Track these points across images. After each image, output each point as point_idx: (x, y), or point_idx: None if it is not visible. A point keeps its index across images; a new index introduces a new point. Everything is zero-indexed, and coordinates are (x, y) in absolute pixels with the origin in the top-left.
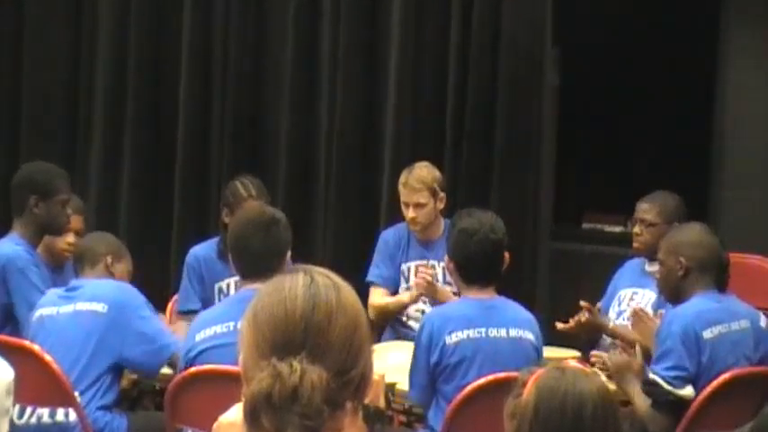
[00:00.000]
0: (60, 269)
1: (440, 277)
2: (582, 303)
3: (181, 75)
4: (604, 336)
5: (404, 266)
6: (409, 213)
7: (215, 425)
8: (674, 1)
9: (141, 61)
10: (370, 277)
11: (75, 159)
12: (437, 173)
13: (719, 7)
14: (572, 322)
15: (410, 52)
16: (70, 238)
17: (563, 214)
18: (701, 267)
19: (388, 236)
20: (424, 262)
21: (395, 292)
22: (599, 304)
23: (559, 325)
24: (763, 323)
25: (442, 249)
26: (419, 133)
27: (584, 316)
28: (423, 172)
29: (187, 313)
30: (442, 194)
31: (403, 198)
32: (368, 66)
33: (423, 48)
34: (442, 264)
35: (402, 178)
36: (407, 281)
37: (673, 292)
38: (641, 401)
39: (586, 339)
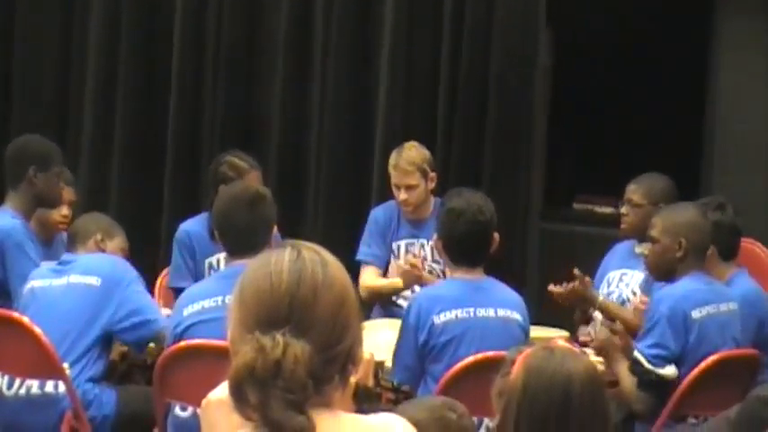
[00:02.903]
0: (49, 243)
1: (428, 256)
2: (575, 272)
3: (172, 60)
4: (596, 313)
5: (394, 245)
6: (401, 196)
7: (203, 402)
8: None
9: (133, 47)
10: (360, 256)
11: (66, 143)
12: (426, 152)
13: None
14: (564, 288)
15: (403, 33)
16: (65, 210)
17: (554, 195)
18: (697, 250)
19: (378, 214)
20: (414, 241)
21: (386, 271)
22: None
23: (551, 287)
24: None
25: (432, 228)
26: (411, 112)
27: (577, 284)
28: (412, 153)
29: (180, 290)
30: (432, 174)
31: (394, 180)
32: (360, 44)
33: (415, 28)
34: (431, 243)
35: (392, 160)
36: (397, 258)
37: (664, 272)
38: (629, 381)
39: (579, 316)
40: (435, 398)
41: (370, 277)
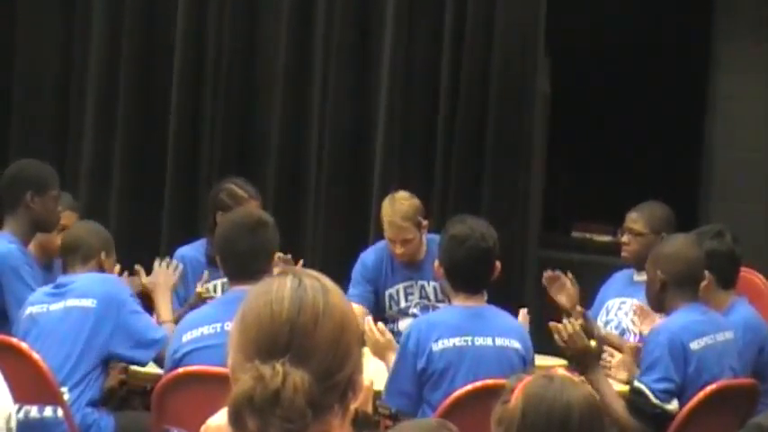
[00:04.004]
0: (49, 268)
1: (431, 296)
2: (578, 308)
3: (173, 76)
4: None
5: (391, 291)
6: (397, 250)
7: (202, 428)
8: (665, 11)
9: (133, 63)
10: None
11: (65, 163)
12: (417, 202)
13: (711, 17)
14: (548, 280)
15: (402, 58)
16: None
17: (552, 223)
18: (677, 282)
19: (368, 260)
20: (412, 283)
21: (372, 314)
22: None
23: (553, 324)
24: None
25: (428, 269)
26: (410, 141)
27: (582, 321)
28: (405, 207)
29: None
30: (425, 222)
31: (388, 235)
32: (359, 71)
33: (414, 54)
34: (432, 283)
35: (385, 215)
36: (398, 304)
37: (655, 303)
38: (617, 401)
39: None
40: (427, 420)
41: None
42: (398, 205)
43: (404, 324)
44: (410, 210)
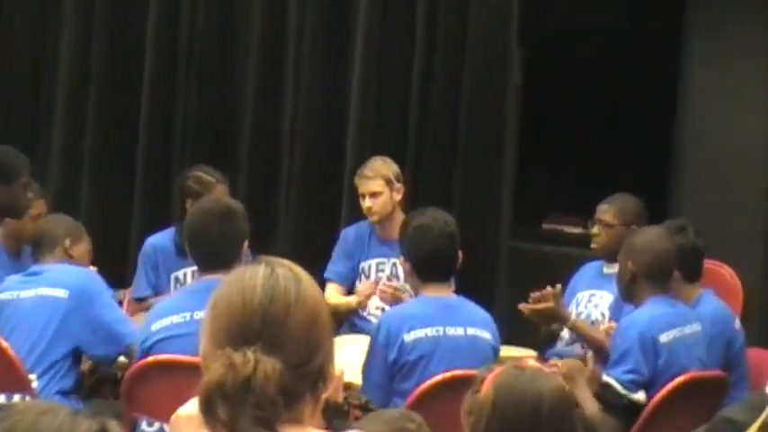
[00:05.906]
0: (18, 255)
1: (401, 276)
2: (548, 288)
3: (145, 61)
4: (564, 332)
5: (363, 264)
6: (365, 204)
7: (173, 417)
8: (637, 4)
9: (105, 47)
10: (326, 274)
11: (36, 155)
12: (393, 165)
13: (683, 11)
14: (534, 300)
15: (375, 49)
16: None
17: (523, 214)
18: (647, 274)
19: (349, 234)
20: (385, 260)
21: (350, 290)
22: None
23: (522, 306)
24: (737, 324)
25: None
26: (382, 131)
27: (551, 303)
28: (377, 163)
29: (142, 300)
30: (398, 185)
31: (359, 190)
32: (332, 61)
33: (388, 46)
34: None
35: (358, 171)
36: (369, 278)
37: (625, 293)
38: (591, 406)
39: (545, 335)
40: (391, 411)
41: (330, 294)
42: (372, 161)
43: (371, 304)
44: (381, 166)
